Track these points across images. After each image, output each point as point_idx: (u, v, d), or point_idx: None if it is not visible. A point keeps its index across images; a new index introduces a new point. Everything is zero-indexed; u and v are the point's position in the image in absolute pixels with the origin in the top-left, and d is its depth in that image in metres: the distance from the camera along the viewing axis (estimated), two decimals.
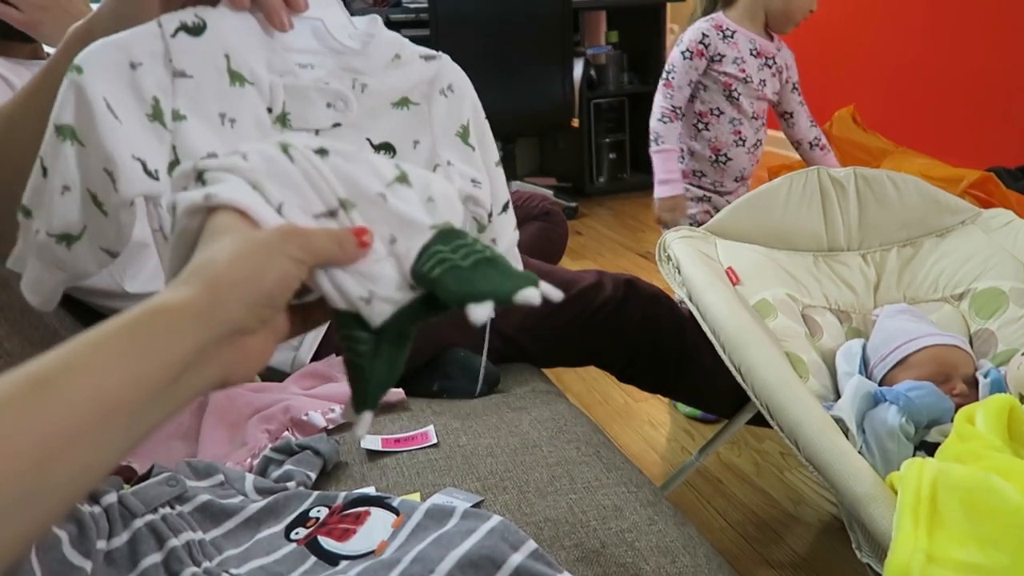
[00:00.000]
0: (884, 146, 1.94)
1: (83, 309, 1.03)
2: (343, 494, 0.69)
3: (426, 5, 2.89)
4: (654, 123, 1.61)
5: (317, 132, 0.53)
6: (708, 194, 1.70)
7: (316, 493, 0.69)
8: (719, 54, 1.57)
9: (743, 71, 1.58)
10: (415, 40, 0.67)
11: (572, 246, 2.92)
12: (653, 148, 1.61)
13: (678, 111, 1.60)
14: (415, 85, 0.56)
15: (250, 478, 0.71)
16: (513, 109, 3.02)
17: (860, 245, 1.18)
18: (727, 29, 1.57)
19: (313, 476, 0.75)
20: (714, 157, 1.65)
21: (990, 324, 1.03)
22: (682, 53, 1.58)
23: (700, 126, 1.64)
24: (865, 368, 0.99)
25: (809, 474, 1.43)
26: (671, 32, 3.79)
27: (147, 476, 0.69)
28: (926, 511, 0.60)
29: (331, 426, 0.85)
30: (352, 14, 0.61)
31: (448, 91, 0.58)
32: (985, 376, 0.92)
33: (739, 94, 1.60)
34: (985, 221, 1.14)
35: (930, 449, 0.81)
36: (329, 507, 0.67)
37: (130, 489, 0.65)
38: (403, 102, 0.56)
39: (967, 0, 3.10)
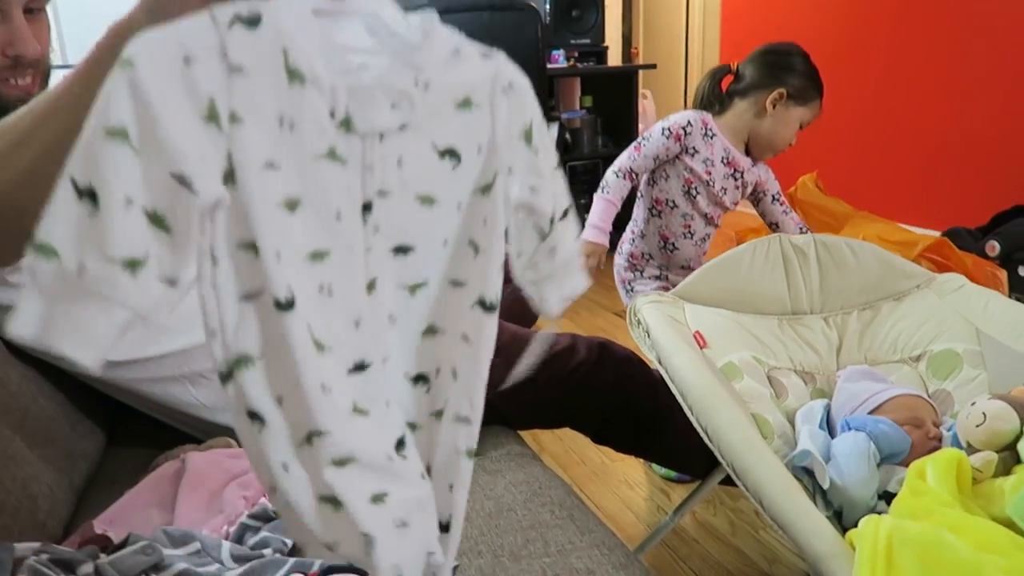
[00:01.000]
0: (846, 210, 2.03)
1: (59, 373, 1.04)
2: (319, 561, 0.70)
3: None
4: (608, 174, 1.65)
5: (382, 137, 0.48)
6: (664, 273, 1.76)
7: (293, 560, 0.70)
8: (694, 147, 1.62)
9: (708, 173, 1.63)
10: None
11: None
12: (598, 194, 1.65)
13: (634, 175, 1.64)
14: (476, 84, 0.52)
15: (227, 546, 0.72)
16: None
17: (822, 308, 1.23)
18: (710, 130, 1.63)
19: (290, 543, 0.76)
20: (662, 243, 1.72)
21: (947, 385, 1.07)
22: (663, 129, 1.63)
23: (654, 212, 1.70)
24: (829, 429, 1.02)
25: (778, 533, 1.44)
26: (643, 97, 3.92)
27: (123, 545, 0.69)
28: (883, 565, 0.63)
29: None
30: None
31: (509, 89, 0.53)
32: (948, 430, 0.96)
33: (697, 193, 1.65)
34: (939, 285, 1.19)
35: (891, 499, 0.84)
36: (305, 574, 0.68)
37: (107, 559, 0.66)
38: (466, 103, 0.51)
39: (922, 68, 3.26)
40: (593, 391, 1.19)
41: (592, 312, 2.91)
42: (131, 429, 1.14)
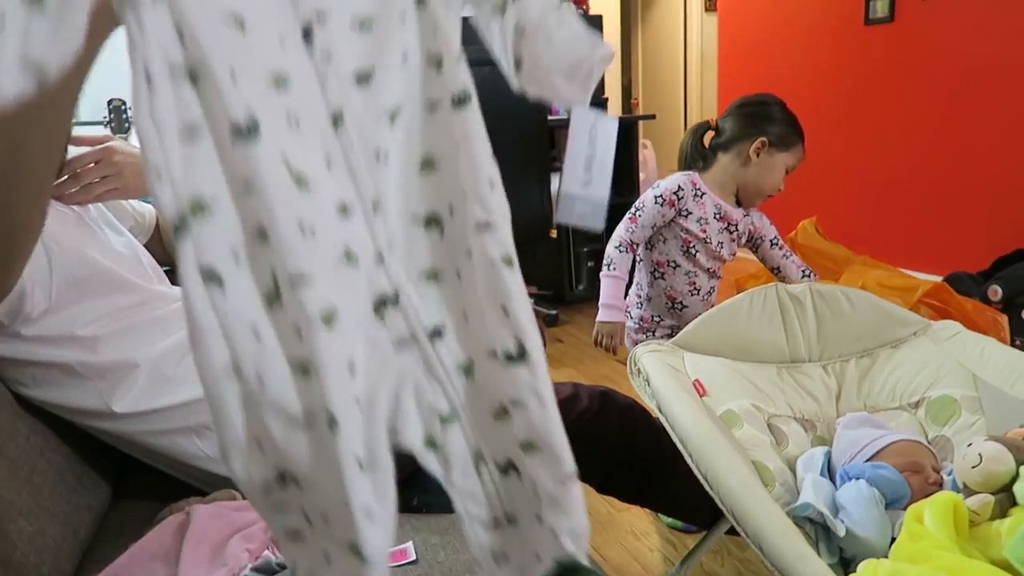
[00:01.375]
0: (846, 255, 2.05)
1: (66, 425, 1.05)
2: None
3: None
4: (610, 249, 1.68)
5: None
6: (677, 333, 1.75)
7: None
8: (687, 210, 1.66)
9: (704, 231, 1.67)
10: None
11: (553, 353, 2.97)
12: (604, 272, 1.68)
13: (635, 245, 1.68)
14: None
15: None
16: None
17: (820, 356, 1.24)
18: (699, 189, 1.67)
19: None
20: (670, 304, 1.73)
21: (945, 431, 1.08)
22: (655, 197, 1.66)
23: (656, 275, 1.72)
24: (830, 476, 1.02)
25: None
26: (643, 147, 3.99)
27: None
28: None
29: None
30: None
31: None
32: (949, 475, 0.97)
33: (696, 251, 1.68)
34: (935, 332, 1.21)
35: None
36: None
37: None
38: None
39: (921, 112, 3.31)
40: (596, 440, 1.20)
41: (596, 361, 2.91)
42: (137, 482, 1.14)
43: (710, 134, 1.71)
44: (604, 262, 1.69)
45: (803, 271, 1.74)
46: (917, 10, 3.22)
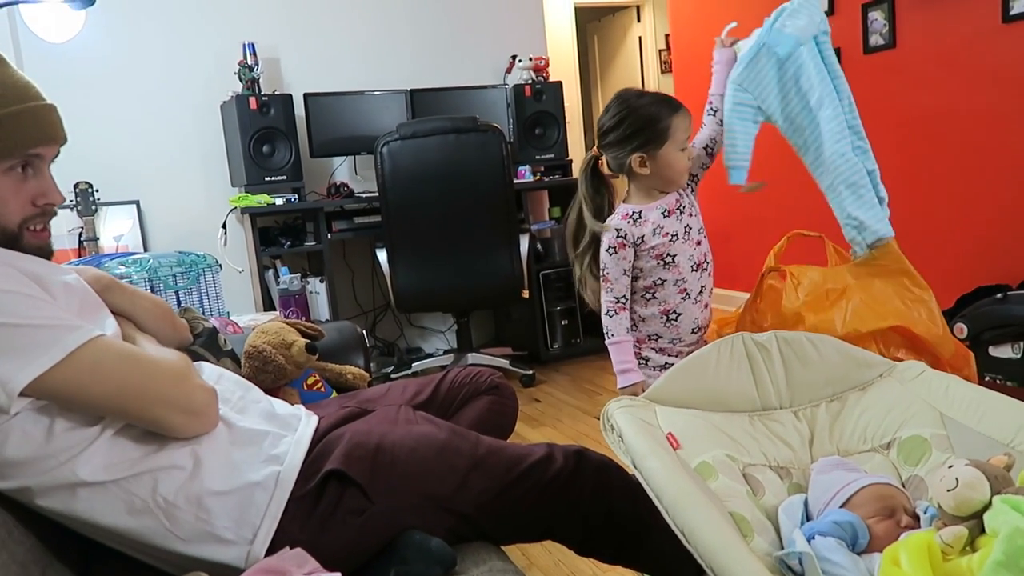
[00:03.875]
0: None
1: (29, 514, 1.02)
2: None
3: (377, 194, 3.08)
4: (604, 318, 1.70)
5: None
6: (670, 360, 1.72)
7: None
8: (639, 237, 1.67)
9: (666, 234, 1.68)
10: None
11: (531, 413, 2.96)
12: (607, 341, 1.70)
13: (622, 301, 1.69)
14: None
15: None
16: (465, 286, 3.16)
17: (791, 403, 1.25)
18: (633, 214, 1.68)
19: None
20: (665, 318, 1.71)
21: (918, 471, 1.09)
22: (607, 251, 1.68)
23: (648, 296, 1.71)
24: (809, 521, 1.02)
25: None
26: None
27: None
28: None
29: None
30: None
31: None
32: (925, 512, 0.97)
33: (673, 255, 1.68)
34: (900, 373, 1.23)
35: None
36: None
37: None
38: None
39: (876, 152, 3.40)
40: (572, 500, 1.19)
41: (575, 418, 2.90)
42: (103, 569, 1.11)
43: (602, 161, 1.72)
44: (604, 333, 1.71)
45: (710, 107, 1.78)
46: (860, 64, 3.36)
